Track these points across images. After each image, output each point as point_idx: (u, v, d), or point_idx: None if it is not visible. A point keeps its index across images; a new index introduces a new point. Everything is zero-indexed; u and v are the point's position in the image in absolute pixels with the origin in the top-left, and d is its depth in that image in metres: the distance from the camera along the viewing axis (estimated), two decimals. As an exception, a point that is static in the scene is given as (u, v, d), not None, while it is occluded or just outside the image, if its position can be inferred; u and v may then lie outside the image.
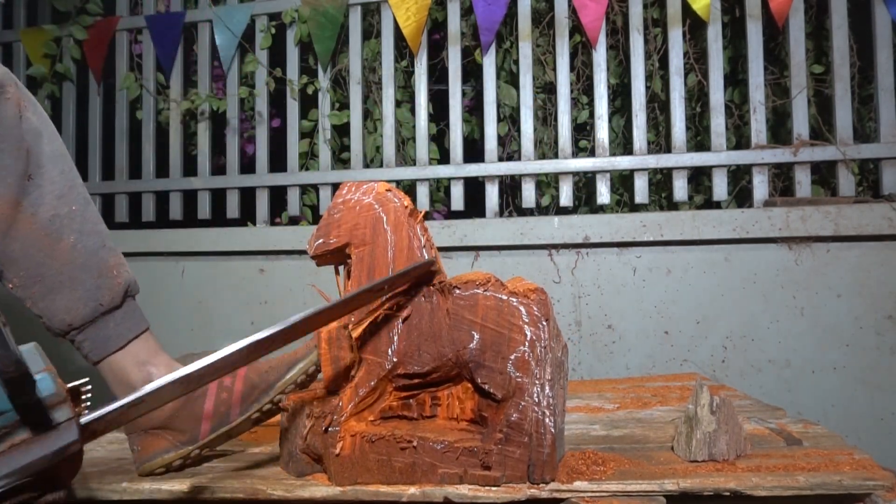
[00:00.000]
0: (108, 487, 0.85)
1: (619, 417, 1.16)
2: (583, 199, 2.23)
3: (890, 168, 1.73)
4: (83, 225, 0.97)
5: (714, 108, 1.83)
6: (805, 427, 1.03)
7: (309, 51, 2.13)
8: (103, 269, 0.98)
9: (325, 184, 2.05)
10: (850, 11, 1.77)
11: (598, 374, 1.82)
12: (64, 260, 0.94)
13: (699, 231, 1.75)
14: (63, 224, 0.95)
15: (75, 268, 0.95)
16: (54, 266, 0.94)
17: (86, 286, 0.96)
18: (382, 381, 0.85)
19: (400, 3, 1.97)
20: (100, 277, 0.97)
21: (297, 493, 0.82)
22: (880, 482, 0.76)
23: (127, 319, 1.01)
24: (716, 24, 1.84)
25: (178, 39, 2.15)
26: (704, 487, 0.78)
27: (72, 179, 0.98)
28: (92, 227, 0.99)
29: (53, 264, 0.94)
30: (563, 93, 1.93)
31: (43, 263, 0.94)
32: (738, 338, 1.76)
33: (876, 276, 1.69)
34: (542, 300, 0.82)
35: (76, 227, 0.96)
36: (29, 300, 0.95)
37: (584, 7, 1.87)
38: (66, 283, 0.95)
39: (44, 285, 0.94)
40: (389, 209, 0.86)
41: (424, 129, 2.02)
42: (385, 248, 0.85)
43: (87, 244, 0.97)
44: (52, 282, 0.94)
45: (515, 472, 0.79)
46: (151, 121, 2.19)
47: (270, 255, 2.03)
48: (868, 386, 1.69)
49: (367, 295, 0.81)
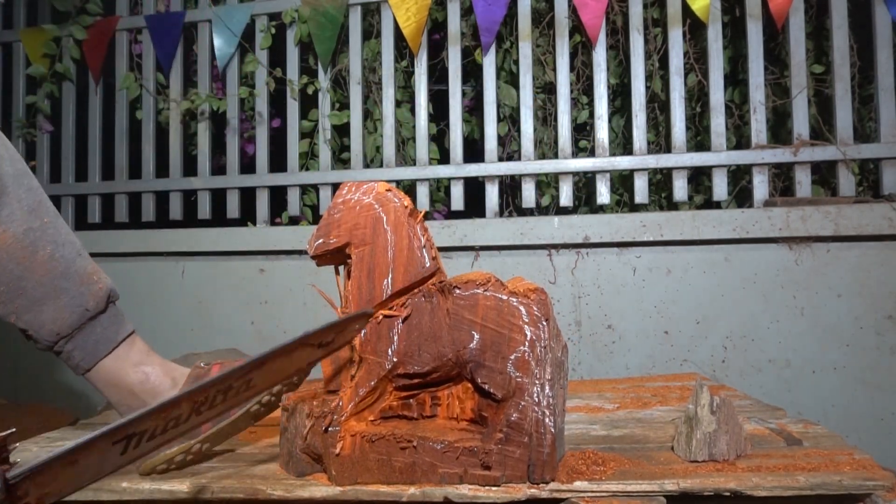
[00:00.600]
0: (108, 487, 0.85)
1: (619, 417, 1.16)
2: (583, 199, 2.23)
3: (890, 168, 1.73)
4: (57, 236, 0.98)
5: (714, 108, 1.83)
6: (805, 427, 1.03)
7: (309, 51, 2.13)
8: (83, 276, 0.98)
9: (325, 184, 2.05)
10: (850, 11, 1.77)
11: (598, 374, 1.82)
12: (43, 271, 0.95)
13: (699, 231, 1.75)
14: (37, 236, 0.95)
15: (56, 277, 0.95)
16: (34, 278, 0.94)
17: (70, 293, 0.96)
18: (382, 381, 0.85)
19: (400, 3, 1.97)
20: (82, 284, 0.97)
21: (297, 493, 0.82)
22: (880, 482, 0.76)
23: (114, 323, 1.01)
24: (716, 24, 1.84)
25: (177, 39, 2.15)
26: (704, 487, 0.78)
27: (39, 195, 0.99)
28: (66, 237, 0.99)
29: (33, 276, 0.94)
30: (563, 93, 1.93)
31: (22, 276, 0.94)
32: (738, 338, 1.76)
33: (876, 276, 1.69)
34: (542, 300, 0.82)
35: (50, 238, 0.97)
36: (13, 315, 0.95)
37: (584, 7, 1.87)
38: (50, 293, 0.95)
39: (26, 298, 0.94)
40: (389, 209, 0.86)
41: (424, 129, 2.02)
42: (385, 248, 0.85)
43: (64, 254, 0.97)
44: (34, 293, 0.95)
45: (515, 472, 0.79)
46: (151, 121, 2.19)
47: (270, 255, 2.03)
48: (868, 386, 1.69)
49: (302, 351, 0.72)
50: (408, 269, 0.84)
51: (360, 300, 0.85)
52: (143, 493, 0.84)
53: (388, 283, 0.84)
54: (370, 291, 0.84)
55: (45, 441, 1.08)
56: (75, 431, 1.16)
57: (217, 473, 0.88)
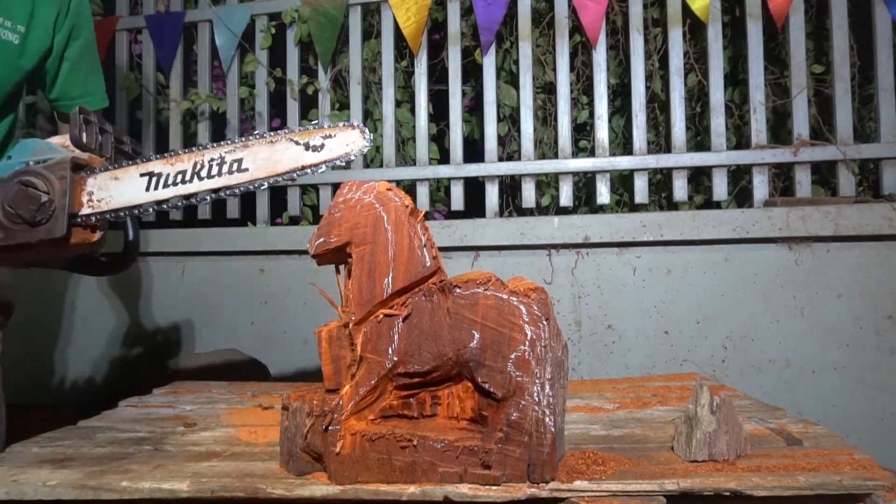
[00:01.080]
0: (108, 487, 0.85)
1: (619, 417, 1.15)
2: (583, 199, 2.23)
3: (890, 168, 1.73)
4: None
5: (714, 108, 1.83)
6: (805, 427, 1.03)
7: (309, 51, 2.13)
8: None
9: (325, 184, 2.05)
10: (850, 11, 1.77)
11: (598, 374, 1.82)
12: None
13: (699, 231, 1.75)
14: None
15: None
16: None
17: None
18: (383, 380, 0.85)
19: (400, 4, 1.97)
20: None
21: (297, 491, 0.82)
22: (880, 482, 0.76)
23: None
24: (716, 24, 1.84)
25: (177, 39, 2.15)
26: (704, 487, 0.78)
27: None
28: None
29: None
30: (563, 93, 1.93)
31: None
32: (738, 338, 1.76)
33: (876, 276, 1.69)
34: (542, 299, 0.82)
35: None
36: None
37: (584, 7, 1.87)
38: None
39: None
40: (390, 208, 0.86)
41: (424, 129, 2.02)
42: (386, 247, 0.85)
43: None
44: None
45: (515, 472, 0.79)
46: (151, 121, 2.19)
47: (270, 255, 2.03)
48: (868, 386, 1.69)
49: None
50: (408, 269, 0.84)
51: (361, 299, 0.85)
52: (143, 492, 0.84)
53: (389, 281, 0.84)
54: (371, 290, 0.84)
55: (45, 441, 1.08)
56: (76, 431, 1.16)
57: (217, 473, 0.88)
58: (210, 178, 0.92)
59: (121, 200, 0.93)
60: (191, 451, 1.00)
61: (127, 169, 0.93)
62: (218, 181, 0.92)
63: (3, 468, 0.92)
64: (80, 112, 0.96)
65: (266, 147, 0.92)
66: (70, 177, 0.90)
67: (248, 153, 0.92)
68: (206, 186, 0.92)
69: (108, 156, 1.01)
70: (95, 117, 0.98)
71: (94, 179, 0.93)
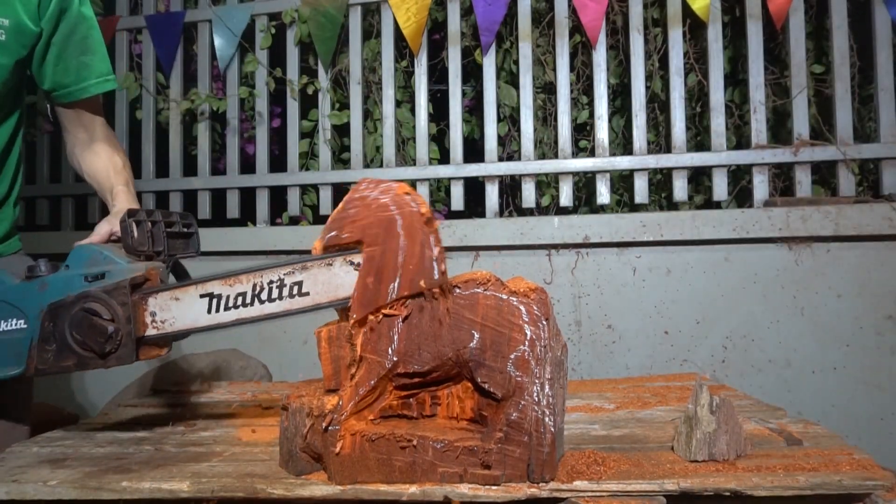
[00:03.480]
0: (108, 487, 0.85)
1: (619, 417, 1.15)
2: (583, 199, 2.23)
3: (890, 168, 1.73)
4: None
5: (714, 108, 1.83)
6: (805, 427, 1.03)
7: (309, 51, 2.13)
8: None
9: (325, 184, 2.05)
10: (850, 11, 1.77)
11: (598, 374, 1.82)
12: None
13: (699, 231, 1.75)
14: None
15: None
16: None
17: None
18: (383, 380, 0.85)
19: (400, 3, 1.97)
20: None
21: (297, 492, 0.82)
22: (880, 482, 0.76)
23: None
24: (716, 24, 1.84)
25: (177, 39, 2.15)
26: (704, 487, 0.78)
27: None
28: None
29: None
30: (563, 93, 1.93)
31: None
32: (738, 338, 1.76)
33: (876, 276, 1.69)
34: (542, 299, 0.82)
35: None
36: None
37: (584, 7, 1.87)
38: None
39: None
40: (406, 213, 0.83)
41: (424, 129, 2.02)
42: (396, 252, 0.83)
43: None
44: None
45: (515, 472, 0.79)
46: (151, 121, 2.19)
47: (270, 255, 2.03)
48: (868, 386, 1.69)
49: None
50: (415, 279, 0.83)
51: (364, 300, 0.84)
52: (143, 492, 0.84)
53: (395, 287, 0.83)
54: (375, 293, 0.84)
55: (45, 441, 1.08)
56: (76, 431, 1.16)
57: (217, 473, 0.88)
58: (271, 302, 0.91)
59: (184, 322, 0.91)
60: (191, 451, 1.00)
61: (186, 289, 0.92)
62: (280, 305, 0.91)
63: (3, 468, 0.92)
64: (128, 215, 0.95)
65: (325, 270, 0.89)
66: (131, 301, 0.90)
67: (308, 276, 0.90)
68: (267, 311, 0.91)
69: (161, 250, 1.01)
70: (143, 213, 0.97)
71: (155, 300, 0.92)
